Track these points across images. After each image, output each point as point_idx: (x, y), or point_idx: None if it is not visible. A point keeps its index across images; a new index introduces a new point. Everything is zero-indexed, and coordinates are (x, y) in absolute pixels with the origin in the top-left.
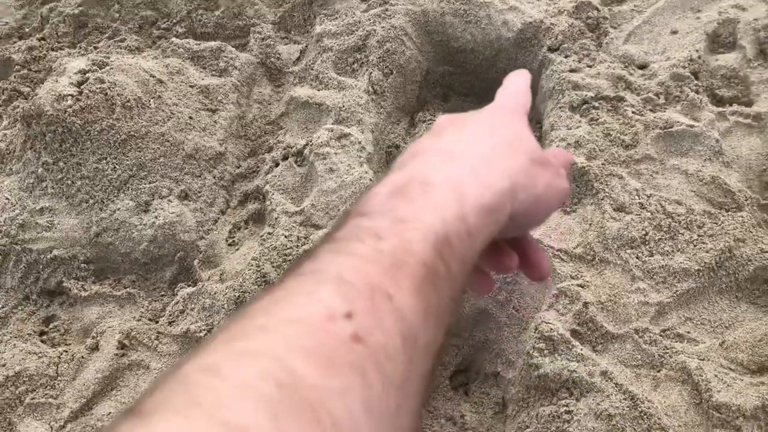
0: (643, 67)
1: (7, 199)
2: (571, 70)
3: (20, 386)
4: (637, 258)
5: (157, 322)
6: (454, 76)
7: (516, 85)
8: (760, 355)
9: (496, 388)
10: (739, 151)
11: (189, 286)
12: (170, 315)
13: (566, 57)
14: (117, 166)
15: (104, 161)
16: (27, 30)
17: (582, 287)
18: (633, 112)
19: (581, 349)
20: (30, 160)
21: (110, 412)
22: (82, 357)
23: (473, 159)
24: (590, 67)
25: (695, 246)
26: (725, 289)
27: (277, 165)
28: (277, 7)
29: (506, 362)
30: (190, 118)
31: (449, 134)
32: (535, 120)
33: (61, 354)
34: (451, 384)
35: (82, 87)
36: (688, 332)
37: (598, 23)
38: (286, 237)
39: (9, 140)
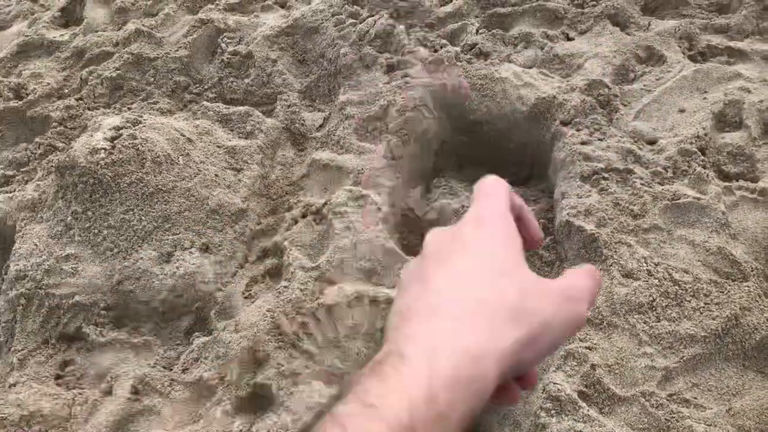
0: (652, 142)
1: (36, 245)
2: (583, 143)
3: (34, 425)
4: (644, 323)
5: (171, 370)
6: (470, 146)
7: (493, 186)
8: (767, 423)
9: None
10: (745, 224)
11: (204, 335)
12: (184, 363)
13: (578, 130)
14: (143, 218)
15: (131, 212)
16: (66, 91)
17: (590, 349)
18: (642, 184)
19: (588, 411)
20: (60, 209)
21: None
22: (96, 400)
23: (456, 310)
24: (601, 140)
25: (702, 313)
26: (732, 356)
27: (296, 222)
28: (304, 77)
29: (514, 423)
30: (216, 175)
31: (436, 274)
32: (548, 190)
33: (76, 396)
34: None
35: (115, 142)
36: (695, 398)
37: (609, 100)
38: (301, 290)
39: (42, 190)
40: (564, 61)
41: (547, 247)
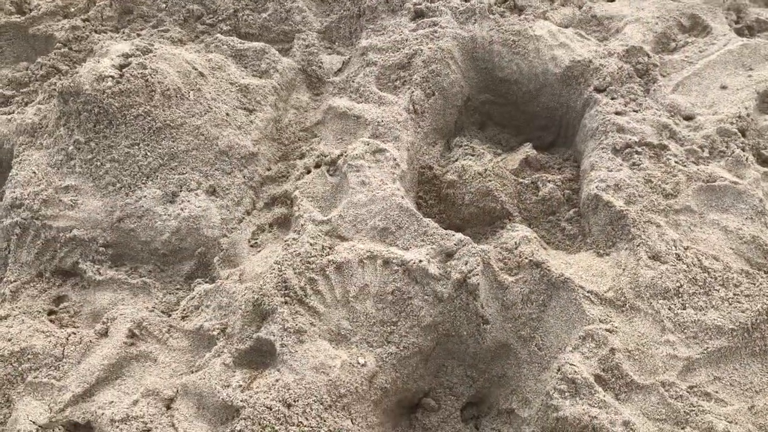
0: (689, 118)
1: (34, 173)
2: (617, 113)
3: (24, 363)
4: (669, 309)
5: (169, 315)
6: (495, 105)
7: None
8: None
9: (508, 426)
10: None
11: (206, 282)
12: (184, 309)
13: (612, 99)
14: (149, 153)
15: (136, 147)
16: (72, 10)
17: (610, 332)
18: (676, 162)
19: (604, 396)
20: (61, 137)
21: (112, 401)
22: (90, 341)
23: None
24: (636, 111)
25: (730, 304)
26: (758, 352)
27: (308, 172)
28: (324, 16)
29: (523, 400)
30: (227, 114)
31: None
32: (573, 158)
33: (69, 336)
34: (462, 416)
35: (123, 70)
36: (717, 392)
37: (648, 69)
38: (311, 245)
39: (42, 115)
40: (602, 23)
41: (570, 220)
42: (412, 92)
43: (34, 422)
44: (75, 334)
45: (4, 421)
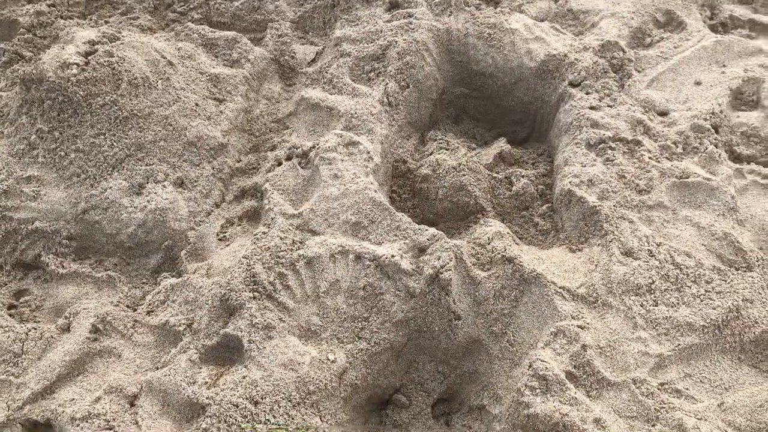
0: (663, 114)
1: None
2: (591, 108)
3: None
4: (641, 306)
5: (135, 310)
6: (470, 98)
7: None
8: (758, 422)
9: (479, 423)
10: (754, 210)
11: (173, 276)
12: (150, 304)
13: (587, 93)
14: (115, 144)
15: (102, 137)
16: None
17: (582, 328)
18: (650, 158)
19: (575, 393)
20: (24, 126)
21: (73, 398)
22: (52, 336)
23: None
24: (611, 107)
25: (702, 301)
26: (728, 349)
27: (279, 164)
28: (297, 6)
29: (494, 397)
30: (197, 104)
31: None
32: (547, 153)
33: (29, 331)
34: (433, 412)
35: (89, 57)
36: (687, 389)
37: (623, 64)
38: (281, 239)
39: (4, 102)
40: (578, 17)
41: (543, 215)
42: (387, 84)
43: None
44: (36, 329)
45: None
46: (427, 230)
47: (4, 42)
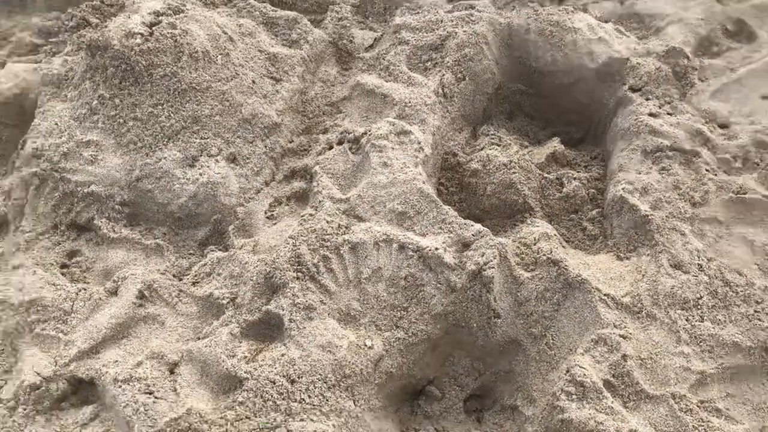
0: (724, 126)
1: (56, 125)
2: (651, 114)
3: (33, 314)
4: (686, 320)
5: (180, 280)
6: (526, 95)
7: None
8: None
9: (511, 422)
10: None
11: (220, 250)
12: (196, 275)
13: (647, 99)
14: (172, 115)
15: (160, 107)
16: None
17: (623, 338)
18: (707, 170)
19: (612, 402)
20: (86, 91)
21: (117, 360)
22: (100, 298)
23: None
24: (670, 114)
25: (750, 321)
26: None
27: (330, 148)
28: None
29: (528, 398)
30: (254, 82)
31: None
32: (601, 157)
33: (80, 291)
34: (465, 407)
35: (153, 28)
36: (728, 409)
37: (686, 72)
38: (327, 222)
39: (69, 67)
40: (643, 21)
41: (592, 220)
42: (443, 75)
43: (38, 374)
44: (85, 289)
45: (11, 370)
46: (472, 225)
47: (72, 7)
